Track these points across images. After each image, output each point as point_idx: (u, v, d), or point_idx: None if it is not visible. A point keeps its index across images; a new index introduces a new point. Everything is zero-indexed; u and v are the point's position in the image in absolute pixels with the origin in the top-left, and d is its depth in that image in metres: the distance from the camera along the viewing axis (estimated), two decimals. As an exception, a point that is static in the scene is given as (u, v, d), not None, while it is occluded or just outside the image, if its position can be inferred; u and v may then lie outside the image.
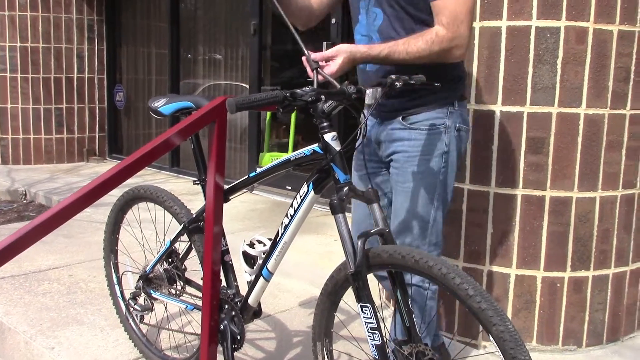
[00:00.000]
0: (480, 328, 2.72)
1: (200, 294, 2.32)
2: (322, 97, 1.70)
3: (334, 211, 1.74)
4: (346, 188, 1.75)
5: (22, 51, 6.88)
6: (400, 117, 2.09)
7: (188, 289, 2.39)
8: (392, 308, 1.87)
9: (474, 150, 2.70)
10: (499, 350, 1.46)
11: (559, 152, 2.62)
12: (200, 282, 2.35)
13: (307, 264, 3.69)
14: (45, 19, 6.93)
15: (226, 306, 2.12)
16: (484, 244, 2.74)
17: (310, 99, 1.68)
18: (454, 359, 1.66)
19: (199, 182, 2.21)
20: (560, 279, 2.70)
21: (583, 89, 2.59)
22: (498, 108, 2.64)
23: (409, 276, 1.97)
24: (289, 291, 3.45)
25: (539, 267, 2.69)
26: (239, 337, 2.09)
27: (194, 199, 4.92)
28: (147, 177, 7.13)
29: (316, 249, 3.92)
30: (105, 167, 7.13)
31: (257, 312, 2.14)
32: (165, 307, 2.63)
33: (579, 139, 2.62)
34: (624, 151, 2.69)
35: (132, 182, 6.66)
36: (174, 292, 2.39)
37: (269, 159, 2.26)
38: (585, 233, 2.69)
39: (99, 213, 5.04)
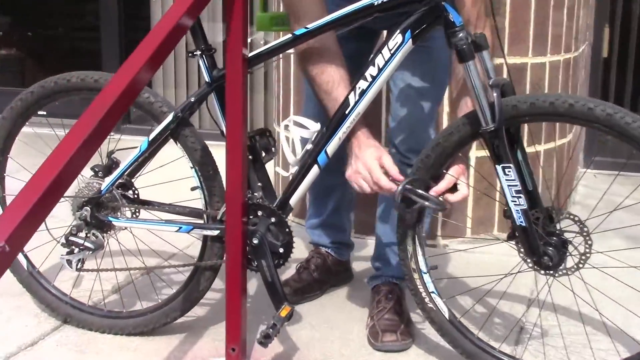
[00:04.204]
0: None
1: (170, 214, 1.71)
2: None
3: (464, 58, 1.39)
4: (464, 31, 1.40)
5: None
6: None
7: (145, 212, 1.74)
8: None
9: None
10: None
11: (515, 12, 2.44)
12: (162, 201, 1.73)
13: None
14: None
15: (259, 212, 1.55)
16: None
17: None
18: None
19: (198, 53, 1.55)
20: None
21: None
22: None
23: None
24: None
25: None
26: (282, 250, 1.55)
27: None
28: None
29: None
30: None
31: (290, 210, 1.60)
32: (117, 242, 1.83)
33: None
34: (565, 11, 2.61)
35: None
36: (135, 215, 1.73)
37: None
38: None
39: None
